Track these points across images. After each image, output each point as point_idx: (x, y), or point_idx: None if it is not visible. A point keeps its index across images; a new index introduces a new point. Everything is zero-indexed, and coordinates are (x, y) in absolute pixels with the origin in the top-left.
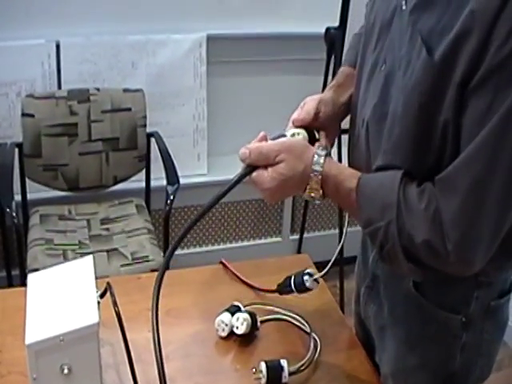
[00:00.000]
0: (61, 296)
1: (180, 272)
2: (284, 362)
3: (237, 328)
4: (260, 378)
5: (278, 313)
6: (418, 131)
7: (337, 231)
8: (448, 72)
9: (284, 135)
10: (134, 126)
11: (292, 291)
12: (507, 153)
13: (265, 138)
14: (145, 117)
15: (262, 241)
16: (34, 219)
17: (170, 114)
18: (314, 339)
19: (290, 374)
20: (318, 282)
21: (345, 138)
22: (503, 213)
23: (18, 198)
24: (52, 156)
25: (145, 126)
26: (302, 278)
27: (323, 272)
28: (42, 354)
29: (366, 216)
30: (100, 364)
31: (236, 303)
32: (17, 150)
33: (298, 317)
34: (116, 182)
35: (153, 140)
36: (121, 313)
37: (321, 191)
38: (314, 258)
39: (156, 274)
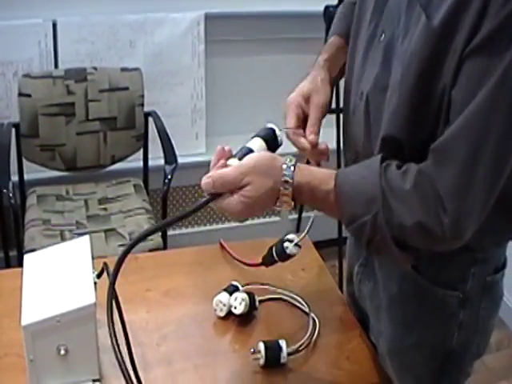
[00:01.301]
0: (57, 276)
1: (178, 252)
2: (282, 343)
3: (235, 308)
4: (258, 359)
5: (276, 293)
6: (416, 100)
7: None
8: (447, 39)
9: (251, 150)
10: (132, 106)
11: (275, 261)
12: (503, 115)
13: (225, 155)
14: (142, 96)
15: (261, 220)
16: (32, 200)
17: (168, 94)
18: (313, 319)
19: (289, 354)
20: (300, 247)
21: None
22: (495, 180)
23: (15, 178)
24: (49, 136)
25: (142, 105)
26: (282, 245)
27: (302, 235)
28: (38, 335)
29: (348, 213)
30: (97, 345)
31: (234, 283)
32: (14, 130)
33: (296, 297)
34: (114, 162)
35: (151, 119)
36: (118, 294)
37: (292, 203)
38: (312, 238)
39: (155, 253)
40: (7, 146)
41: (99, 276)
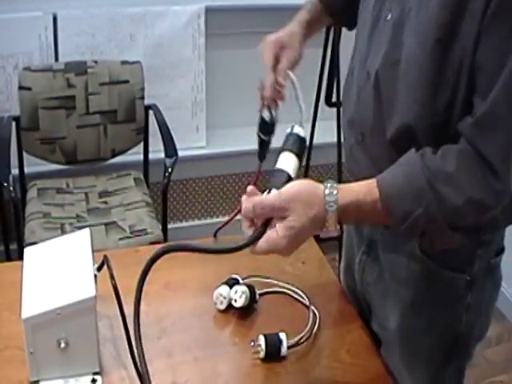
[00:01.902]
0: (57, 269)
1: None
2: (283, 335)
3: (235, 301)
4: (258, 352)
5: (276, 286)
6: (433, 68)
7: None
8: (465, 2)
9: (290, 178)
10: (132, 99)
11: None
12: None
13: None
14: (143, 89)
15: None
16: (32, 193)
17: (169, 87)
18: (313, 312)
19: (289, 347)
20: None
21: None
22: None
23: (15, 171)
24: (49, 129)
25: (143, 98)
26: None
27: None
28: (38, 327)
29: (400, 214)
30: (97, 338)
31: (234, 276)
32: (14, 123)
33: (297, 290)
34: (114, 155)
35: (151, 113)
36: (118, 286)
37: (338, 226)
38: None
39: (155, 246)
40: (7, 139)
41: (99, 269)
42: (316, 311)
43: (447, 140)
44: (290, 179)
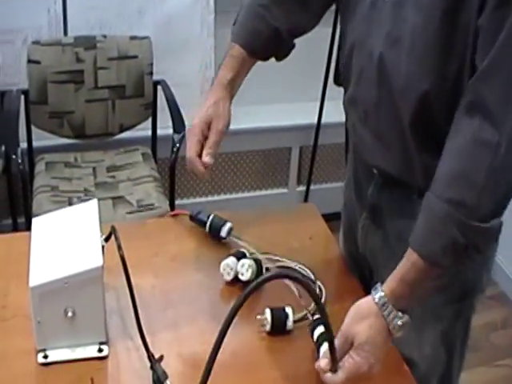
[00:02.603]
0: (65, 239)
1: (185, 218)
2: (289, 310)
3: (242, 275)
4: (264, 325)
5: (283, 261)
6: (442, 39)
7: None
8: None
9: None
10: (141, 74)
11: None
12: None
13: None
14: (151, 64)
15: (269, 192)
16: (40, 166)
17: (177, 63)
18: (319, 288)
19: (295, 321)
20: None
21: None
22: None
23: (23, 145)
24: (58, 103)
25: (151, 73)
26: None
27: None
28: (45, 296)
29: (439, 252)
30: (104, 307)
31: (242, 250)
32: (23, 97)
33: (303, 265)
34: (122, 130)
35: (159, 88)
36: (125, 258)
37: (405, 317)
38: (320, 210)
39: (162, 219)
40: (16, 112)
41: (107, 240)
42: (322, 287)
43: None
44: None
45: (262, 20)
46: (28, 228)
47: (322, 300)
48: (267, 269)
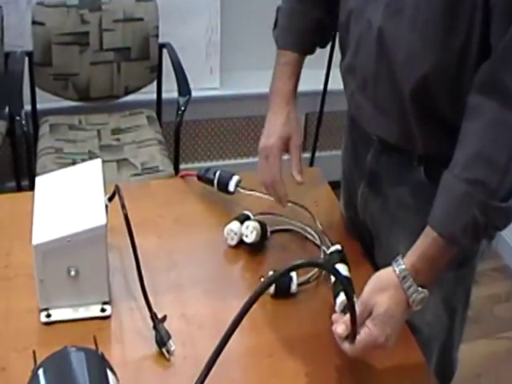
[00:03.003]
0: (69, 198)
1: (191, 180)
2: (293, 273)
3: (246, 236)
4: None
5: (288, 223)
6: (446, 13)
7: None
8: None
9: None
10: (146, 36)
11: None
12: None
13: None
14: (157, 27)
15: None
16: (44, 128)
17: (183, 27)
18: (324, 251)
19: (299, 284)
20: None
21: None
22: None
23: (27, 107)
24: (62, 65)
25: (157, 36)
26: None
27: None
28: (48, 255)
29: (459, 230)
30: (107, 267)
31: (246, 212)
32: (27, 58)
33: (308, 228)
34: (127, 93)
35: (165, 52)
36: (129, 218)
37: (425, 292)
38: (325, 177)
39: (166, 180)
40: (20, 74)
41: (110, 199)
42: (326, 250)
43: (462, 92)
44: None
45: (303, 17)
46: (31, 190)
47: None
48: (271, 231)
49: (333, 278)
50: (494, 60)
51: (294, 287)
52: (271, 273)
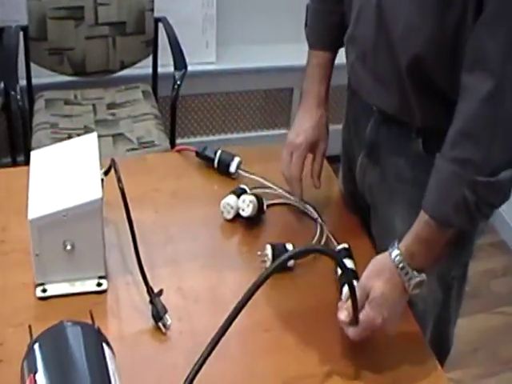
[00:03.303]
0: (64, 173)
1: (187, 154)
2: (290, 246)
3: (242, 210)
4: (265, 261)
5: (285, 197)
6: None
7: None
8: None
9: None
10: (142, 10)
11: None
12: None
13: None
14: (152, 1)
15: (270, 132)
16: (39, 104)
17: (179, 1)
18: (321, 226)
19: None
20: None
21: None
22: None
23: (23, 82)
24: (58, 40)
25: (152, 10)
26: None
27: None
28: (44, 229)
29: (452, 211)
30: (103, 241)
31: (242, 186)
32: (22, 33)
33: (305, 203)
34: (122, 67)
35: (161, 26)
36: (125, 192)
37: (422, 275)
38: None
39: (162, 154)
40: (15, 49)
41: (106, 173)
42: (324, 225)
43: (458, 66)
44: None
45: (330, 14)
46: (27, 165)
47: (323, 238)
48: (268, 205)
49: (340, 270)
50: (477, 25)
51: (290, 261)
52: (268, 247)
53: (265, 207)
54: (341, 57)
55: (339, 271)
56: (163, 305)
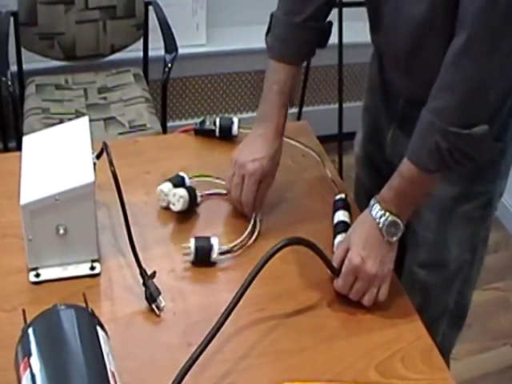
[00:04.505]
0: (56, 157)
1: (178, 136)
2: (214, 240)
3: (173, 205)
4: (188, 254)
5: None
6: None
7: (336, 106)
8: None
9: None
10: None
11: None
12: None
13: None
14: None
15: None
16: (30, 89)
17: None
18: (255, 221)
19: (222, 253)
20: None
21: None
22: None
23: (13, 68)
24: (48, 24)
25: None
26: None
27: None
28: (37, 214)
29: (425, 157)
30: (96, 225)
31: (181, 174)
32: (12, 18)
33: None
34: (113, 51)
35: (151, 9)
36: (117, 174)
37: (393, 216)
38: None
39: (154, 137)
40: (5, 34)
41: (98, 157)
42: (258, 221)
43: None
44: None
45: (306, 29)
46: (18, 151)
47: (255, 234)
48: (207, 194)
49: (335, 221)
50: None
51: (214, 255)
52: (192, 239)
53: (198, 199)
54: (359, 36)
55: (335, 219)
56: (156, 287)
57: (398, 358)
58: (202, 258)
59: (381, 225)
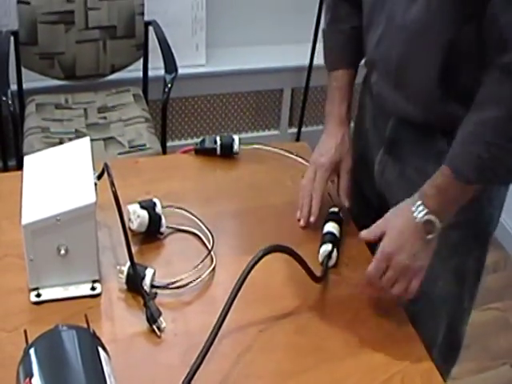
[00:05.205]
0: (57, 177)
1: (178, 156)
2: (149, 271)
3: (132, 223)
4: (122, 279)
5: (189, 224)
6: None
7: None
8: None
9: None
10: (132, 14)
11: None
12: None
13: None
14: (142, 5)
15: (260, 133)
16: (31, 108)
17: (168, 3)
18: (211, 258)
19: (156, 286)
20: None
21: None
22: None
23: (14, 87)
24: (48, 44)
25: (143, 14)
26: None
27: None
28: (38, 234)
29: (467, 166)
30: (97, 245)
31: (155, 200)
32: (12, 38)
33: (207, 231)
34: (113, 71)
35: (151, 29)
36: (118, 195)
37: (433, 215)
38: (311, 152)
39: (155, 157)
40: (6, 53)
41: (99, 177)
42: (214, 258)
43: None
44: None
45: (340, 33)
46: (19, 170)
47: (208, 271)
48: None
49: (324, 231)
50: (489, 10)
51: (146, 287)
52: (128, 264)
53: (162, 228)
54: None
55: (324, 230)
56: (157, 307)
57: (398, 379)
58: (135, 287)
59: (417, 220)
